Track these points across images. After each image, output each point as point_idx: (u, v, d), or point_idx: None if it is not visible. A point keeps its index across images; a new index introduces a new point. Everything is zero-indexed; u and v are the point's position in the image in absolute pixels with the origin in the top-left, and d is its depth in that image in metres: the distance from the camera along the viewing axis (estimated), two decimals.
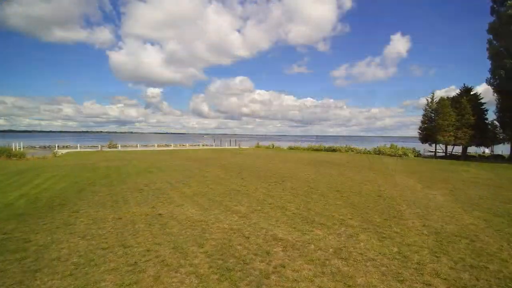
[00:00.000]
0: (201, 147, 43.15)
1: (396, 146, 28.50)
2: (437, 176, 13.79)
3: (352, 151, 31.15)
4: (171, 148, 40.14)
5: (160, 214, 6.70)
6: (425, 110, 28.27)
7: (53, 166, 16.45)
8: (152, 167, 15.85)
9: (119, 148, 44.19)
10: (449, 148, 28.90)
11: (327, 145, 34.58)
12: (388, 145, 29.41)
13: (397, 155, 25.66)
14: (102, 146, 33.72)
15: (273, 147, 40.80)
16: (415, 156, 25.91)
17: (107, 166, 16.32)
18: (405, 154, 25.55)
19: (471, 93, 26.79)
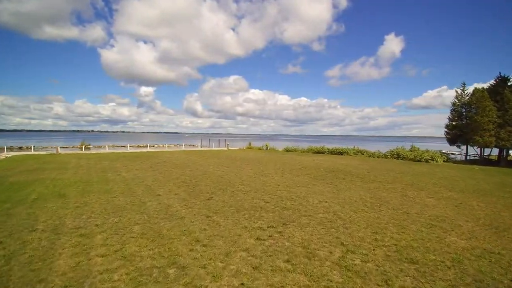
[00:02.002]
0: (183, 148, 37.19)
1: (418, 148, 23.18)
2: None
3: (363, 154, 25.74)
4: (147, 150, 34.12)
5: None
6: (454, 104, 23.00)
7: None
8: (78, 183, 10.07)
9: (90, 150, 38.12)
10: (476, 150, 23.71)
11: (330, 146, 29.08)
12: (406, 147, 24.09)
13: (422, 160, 20.27)
14: (57, 148, 27.63)
15: (267, 148, 35.16)
16: (444, 162, 20.56)
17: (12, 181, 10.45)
18: (432, 159, 20.19)
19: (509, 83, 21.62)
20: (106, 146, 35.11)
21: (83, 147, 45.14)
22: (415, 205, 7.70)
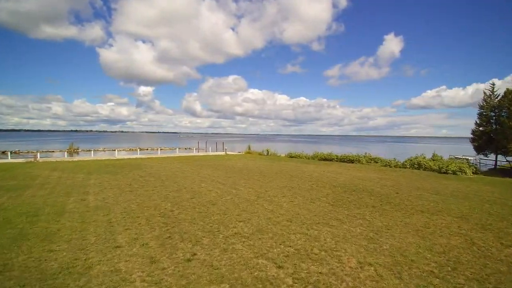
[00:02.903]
0: (177, 153, 34.39)
1: (441, 157, 20.51)
2: None
3: (376, 162, 23.04)
4: (137, 155, 31.38)
5: None
6: (482, 107, 20.30)
7: None
8: (22, 217, 7.36)
9: (78, 155, 35.48)
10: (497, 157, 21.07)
11: (339, 152, 26.35)
12: (426, 154, 21.42)
13: (449, 171, 17.59)
14: (37, 154, 24.86)
15: (267, 153, 32.41)
16: (473, 173, 17.86)
17: None
18: (461, 170, 17.50)
19: None
20: (93, 151, 32.16)
21: (71, 151, 42.44)
22: (502, 266, 4.99)
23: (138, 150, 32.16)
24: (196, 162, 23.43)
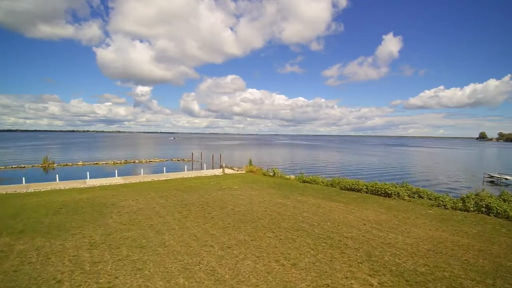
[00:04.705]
0: (164, 173, 28.69)
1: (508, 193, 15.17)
2: None
3: (421, 197, 17.61)
4: (111, 181, 25.77)
5: None
6: None
7: None
8: None
9: (33, 187, 30.02)
10: None
11: (367, 178, 20.84)
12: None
13: None
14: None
15: (274, 174, 26.79)
16: None
17: None
18: None
19: None
20: (57, 180, 26.30)
21: (45, 166, 36.72)
22: None
23: (116, 172, 26.30)
24: (184, 195, 17.85)
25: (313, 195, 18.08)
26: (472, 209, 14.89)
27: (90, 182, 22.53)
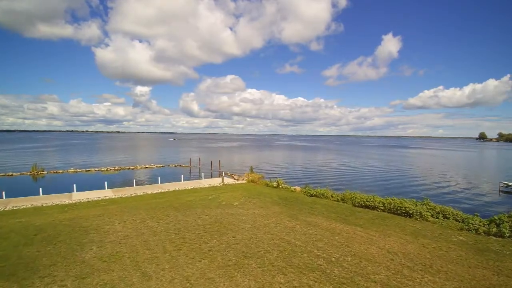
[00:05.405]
0: (158, 184, 26.59)
1: None
2: None
3: (446, 217, 15.64)
4: (100, 195, 23.74)
5: None
6: None
7: None
8: None
9: (13, 203, 28.02)
10: None
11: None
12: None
13: None
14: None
15: (278, 185, 24.75)
16: None
17: None
18: None
19: None
20: (41, 196, 24.09)
21: (34, 173, 34.62)
22: None
23: (106, 186, 24.14)
24: (179, 215, 15.81)
25: (325, 215, 16.06)
26: (507, 234, 12.92)
27: (77, 196, 20.47)
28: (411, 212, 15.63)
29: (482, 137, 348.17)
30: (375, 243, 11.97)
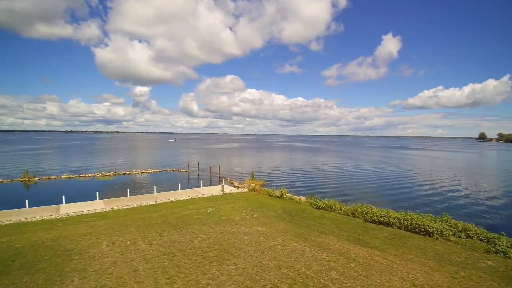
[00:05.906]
0: (154, 194, 25.06)
1: None
2: None
3: (470, 236, 14.19)
4: (90, 208, 22.25)
5: None
6: None
7: None
8: None
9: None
10: None
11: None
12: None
13: None
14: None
15: (281, 195, 23.25)
16: None
17: None
18: None
19: None
20: (26, 209, 22.40)
21: (25, 180, 33.09)
22: None
23: (97, 197, 22.59)
24: (174, 233, 14.31)
25: (336, 234, 14.57)
26: None
27: (65, 209, 18.97)
28: (430, 230, 14.16)
29: (482, 137, 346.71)
30: (397, 272, 10.50)
